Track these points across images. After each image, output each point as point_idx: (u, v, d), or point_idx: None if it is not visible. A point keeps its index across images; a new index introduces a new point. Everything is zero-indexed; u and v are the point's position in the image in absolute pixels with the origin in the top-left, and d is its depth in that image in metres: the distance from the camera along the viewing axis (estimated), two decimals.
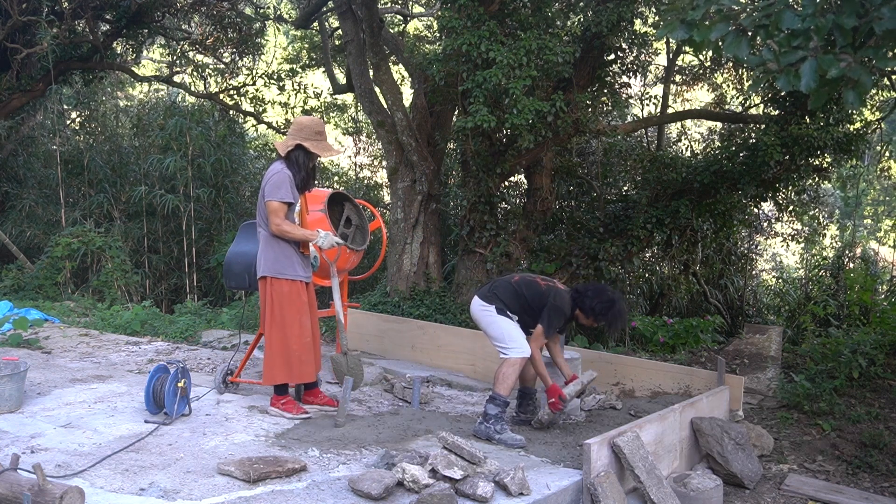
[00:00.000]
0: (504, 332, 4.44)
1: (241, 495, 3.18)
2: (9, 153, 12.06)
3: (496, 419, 4.26)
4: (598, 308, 4.44)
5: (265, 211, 4.37)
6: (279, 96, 14.24)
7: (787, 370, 6.47)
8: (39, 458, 3.50)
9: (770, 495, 4.31)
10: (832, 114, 8.02)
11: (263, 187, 4.39)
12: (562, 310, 4.47)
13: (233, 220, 12.09)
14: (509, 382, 4.33)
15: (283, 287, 4.38)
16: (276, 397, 4.53)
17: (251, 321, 7.53)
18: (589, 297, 4.47)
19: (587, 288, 4.56)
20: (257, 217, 4.52)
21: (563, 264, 8.87)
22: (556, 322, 4.48)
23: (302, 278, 4.45)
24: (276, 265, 4.38)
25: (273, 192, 4.30)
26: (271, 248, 4.40)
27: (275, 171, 4.36)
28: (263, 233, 4.45)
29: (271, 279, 4.39)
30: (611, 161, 10.97)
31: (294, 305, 4.39)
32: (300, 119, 4.52)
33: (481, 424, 4.30)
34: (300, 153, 4.42)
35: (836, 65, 2.25)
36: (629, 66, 8.60)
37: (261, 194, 4.43)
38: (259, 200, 4.47)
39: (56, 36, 10.54)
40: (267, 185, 4.35)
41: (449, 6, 7.21)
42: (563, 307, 4.48)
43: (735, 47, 2.44)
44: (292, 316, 4.37)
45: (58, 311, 8.36)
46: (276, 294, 4.38)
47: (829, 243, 13.22)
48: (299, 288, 4.43)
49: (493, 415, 4.27)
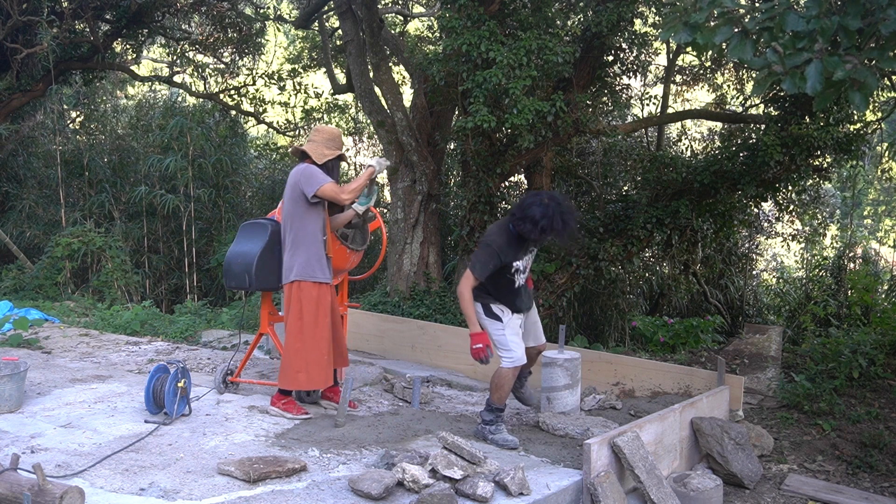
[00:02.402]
0: (495, 338, 4.25)
1: (241, 495, 3.18)
2: (9, 153, 12.05)
3: (492, 423, 4.25)
4: (530, 219, 3.96)
5: (296, 213, 4.38)
6: (279, 96, 14.25)
7: (787, 370, 6.47)
8: (39, 458, 3.50)
9: (770, 495, 4.31)
10: (832, 114, 8.01)
11: (297, 185, 4.37)
12: (487, 244, 4.10)
13: (233, 220, 12.09)
14: (503, 392, 4.22)
15: (311, 291, 4.38)
16: (278, 396, 4.53)
17: (251, 321, 7.53)
18: (518, 212, 4.03)
19: (518, 204, 4.14)
20: (286, 221, 4.48)
21: (563, 264, 8.87)
22: (485, 257, 4.06)
23: (329, 281, 4.49)
24: (306, 269, 4.38)
25: (314, 181, 4.30)
26: (302, 252, 4.39)
27: (300, 169, 4.39)
28: (292, 236, 4.43)
29: (300, 283, 4.38)
30: (611, 161, 10.97)
31: (321, 310, 4.41)
32: (333, 130, 4.62)
33: (479, 426, 4.32)
34: (335, 163, 4.55)
35: (841, 66, 2.24)
36: (629, 66, 8.60)
37: (291, 196, 4.40)
38: (288, 204, 4.43)
39: (56, 36, 10.54)
40: (301, 181, 4.33)
41: (449, 6, 7.21)
42: (490, 240, 4.10)
43: (740, 50, 2.43)
44: (320, 320, 4.40)
45: (58, 311, 8.36)
46: (304, 298, 4.38)
47: (829, 243, 13.21)
48: (325, 291, 4.46)
49: (489, 420, 4.27)
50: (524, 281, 4.36)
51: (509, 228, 4.14)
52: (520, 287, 4.31)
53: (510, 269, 4.18)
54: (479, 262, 4.08)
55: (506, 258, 4.11)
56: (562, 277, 8.83)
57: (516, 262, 4.19)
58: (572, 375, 4.76)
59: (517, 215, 4.06)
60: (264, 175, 14.63)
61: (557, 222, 3.97)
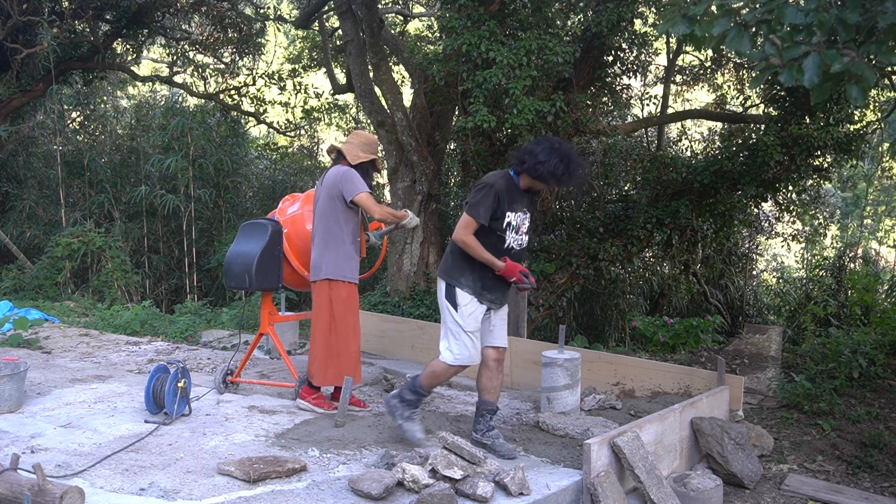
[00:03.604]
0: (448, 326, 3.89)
1: (241, 495, 3.18)
2: (9, 153, 12.06)
3: (408, 405, 3.96)
4: (539, 160, 3.69)
5: (332, 212, 4.42)
6: (279, 96, 14.25)
7: (787, 370, 6.47)
8: (39, 458, 3.51)
9: (770, 495, 4.31)
10: (832, 114, 8.02)
11: (336, 185, 4.40)
12: (486, 184, 3.76)
13: (233, 220, 12.10)
14: (434, 381, 3.95)
15: (342, 291, 4.45)
16: (307, 391, 4.60)
17: (251, 321, 7.53)
18: (524, 156, 3.77)
19: (522, 150, 3.87)
20: (319, 217, 4.50)
21: (563, 264, 8.87)
22: (485, 199, 3.72)
23: (357, 281, 4.56)
24: (338, 268, 4.43)
25: (354, 187, 4.37)
26: (333, 250, 4.43)
27: (342, 171, 4.44)
28: (323, 233, 4.46)
29: (332, 282, 4.43)
30: (611, 161, 10.97)
31: (353, 308, 4.50)
32: (370, 136, 4.73)
33: (392, 399, 4.01)
34: (370, 166, 4.64)
35: (839, 60, 2.24)
36: (629, 66, 8.61)
37: (328, 195, 4.43)
38: (325, 202, 4.46)
39: (56, 36, 10.54)
40: (341, 182, 4.38)
41: (449, 6, 7.22)
42: (490, 181, 3.78)
43: (737, 42, 2.43)
44: (349, 318, 4.47)
45: (58, 311, 8.36)
46: (335, 297, 4.43)
47: (829, 243, 13.22)
48: (354, 290, 4.54)
49: (408, 400, 3.96)
50: (515, 245, 3.90)
51: (510, 174, 3.86)
52: (508, 250, 3.87)
53: (503, 221, 3.78)
54: (480, 204, 3.71)
55: (502, 203, 3.76)
56: (562, 277, 8.83)
57: (510, 212, 3.80)
58: (572, 375, 4.76)
59: (522, 159, 3.77)
60: (265, 175, 14.64)
61: (569, 163, 3.71)
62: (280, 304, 6.85)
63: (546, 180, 3.77)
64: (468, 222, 3.74)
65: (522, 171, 3.79)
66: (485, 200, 3.71)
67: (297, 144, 15.88)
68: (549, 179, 3.75)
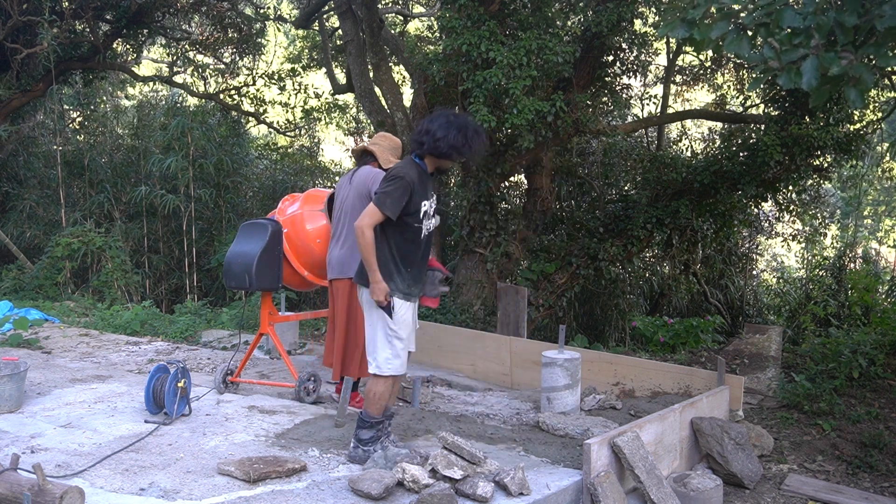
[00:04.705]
0: (380, 333, 3.60)
1: (241, 495, 3.18)
2: (9, 153, 12.06)
3: (372, 441, 3.65)
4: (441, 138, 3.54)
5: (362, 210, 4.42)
6: (279, 96, 14.25)
7: (787, 370, 6.48)
8: (39, 458, 3.51)
9: (770, 495, 4.31)
10: (832, 114, 8.02)
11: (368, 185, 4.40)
12: (396, 176, 3.54)
13: (234, 220, 12.08)
14: (381, 404, 3.64)
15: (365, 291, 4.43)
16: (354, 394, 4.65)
17: (251, 321, 7.53)
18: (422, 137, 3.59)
19: (417, 131, 3.68)
20: (346, 215, 4.49)
21: (563, 264, 8.87)
22: (396, 191, 3.49)
23: None
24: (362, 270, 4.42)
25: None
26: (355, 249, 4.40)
27: (374, 172, 4.48)
28: (348, 231, 4.43)
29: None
30: (611, 161, 10.98)
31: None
32: (396, 140, 4.83)
33: (354, 449, 3.67)
34: None
35: (837, 62, 2.25)
36: (629, 66, 8.61)
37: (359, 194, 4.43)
38: (354, 201, 4.44)
39: (56, 36, 10.53)
40: (374, 183, 4.34)
41: (449, 6, 7.22)
42: (400, 172, 3.56)
43: (736, 45, 2.44)
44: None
45: (58, 311, 8.36)
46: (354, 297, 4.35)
47: (829, 243, 13.22)
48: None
49: (367, 438, 3.64)
50: (427, 230, 3.70)
51: (415, 161, 3.68)
52: (424, 240, 3.68)
53: (419, 212, 3.60)
54: (390, 197, 3.48)
55: (416, 195, 3.57)
56: (562, 277, 8.83)
57: (425, 201, 3.64)
58: (572, 375, 4.76)
59: (420, 140, 3.61)
60: (265, 175, 14.64)
61: (466, 132, 3.58)
62: (280, 304, 6.85)
63: (449, 156, 3.63)
64: (373, 212, 3.49)
65: (424, 152, 3.64)
66: (395, 193, 3.49)
67: (298, 144, 15.89)
68: (452, 154, 3.61)
